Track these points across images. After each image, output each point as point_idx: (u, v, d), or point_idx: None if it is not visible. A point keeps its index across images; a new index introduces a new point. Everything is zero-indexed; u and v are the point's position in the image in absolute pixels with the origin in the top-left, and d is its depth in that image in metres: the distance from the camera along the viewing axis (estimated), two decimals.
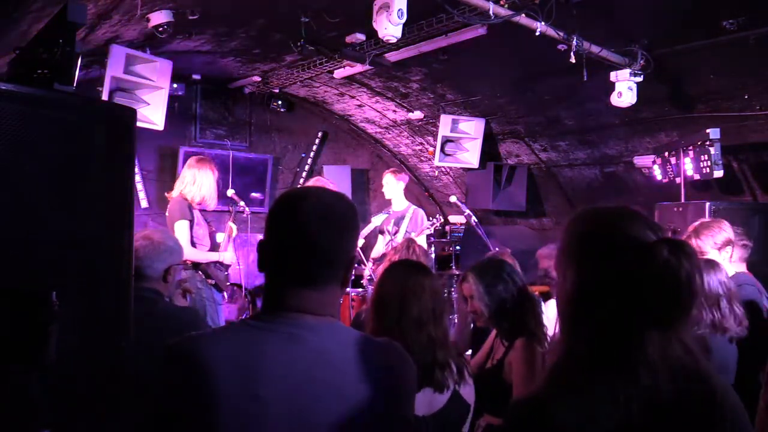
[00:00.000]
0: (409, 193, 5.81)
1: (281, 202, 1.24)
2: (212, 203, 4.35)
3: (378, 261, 5.33)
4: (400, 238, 5.25)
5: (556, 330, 1.15)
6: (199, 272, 4.15)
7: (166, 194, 4.40)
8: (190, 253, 4.03)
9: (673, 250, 1.00)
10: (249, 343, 1.13)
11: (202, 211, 4.39)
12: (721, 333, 2.63)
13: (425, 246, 5.41)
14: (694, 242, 3.18)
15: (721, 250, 3.15)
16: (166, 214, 4.28)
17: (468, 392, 2.05)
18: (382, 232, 5.58)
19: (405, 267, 2.17)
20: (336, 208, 1.22)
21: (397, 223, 5.46)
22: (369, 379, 1.14)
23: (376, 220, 5.54)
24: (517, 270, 2.76)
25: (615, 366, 1.00)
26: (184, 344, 1.16)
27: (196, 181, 4.22)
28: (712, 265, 2.73)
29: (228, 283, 4.57)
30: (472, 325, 3.45)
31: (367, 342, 1.22)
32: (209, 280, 4.20)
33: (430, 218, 5.42)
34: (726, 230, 3.21)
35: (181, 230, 4.05)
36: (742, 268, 3.46)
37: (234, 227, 4.63)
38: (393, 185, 5.61)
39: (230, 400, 1.08)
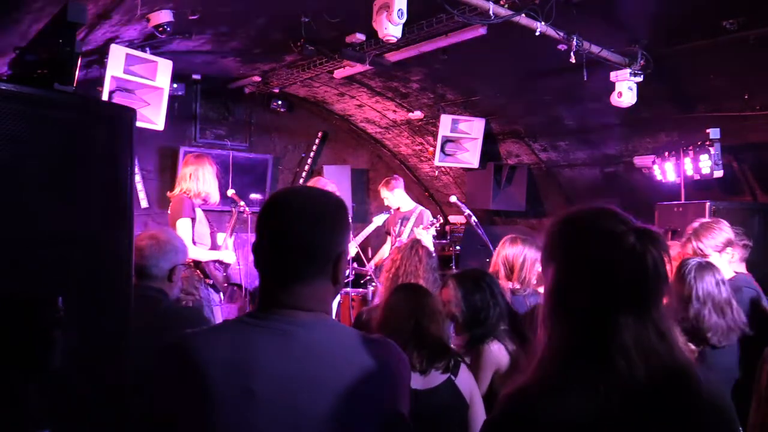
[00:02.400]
0: (409, 194, 5.79)
1: (267, 203, 1.27)
2: (215, 198, 4.33)
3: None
4: (404, 238, 5.23)
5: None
6: (197, 271, 4.15)
7: (167, 194, 4.39)
8: (191, 251, 4.03)
9: (639, 237, 1.06)
10: (242, 339, 1.15)
11: (205, 210, 4.40)
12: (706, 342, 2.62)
13: (431, 245, 5.38)
14: (694, 245, 3.11)
15: (722, 252, 3.09)
16: (168, 212, 4.27)
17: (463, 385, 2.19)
18: (388, 233, 5.55)
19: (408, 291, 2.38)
20: (318, 204, 1.25)
21: (403, 224, 5.44)
22: (361, 374, 1.15)
23: (378, 220, 5.52)
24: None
25: (593, 356, 1.04)
26: (179, 342, 1.19)
27: (198, 178, 4.21)
28: (709, 267, 2.71)
29: (226, 284, 4.56)
30: None
31: (360, 338, 1.23)
32: (207, 280, 4.19)
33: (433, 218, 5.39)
34: (726, 230, 3.15)
35: (183, 228, 4.04)
36: (742, 268, 3.45)
37: (232, 226, 4.61)
38: (395, 196, 5.47)
39: (224, 396, 1.10)
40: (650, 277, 1.05)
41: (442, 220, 5.43)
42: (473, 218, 5.29)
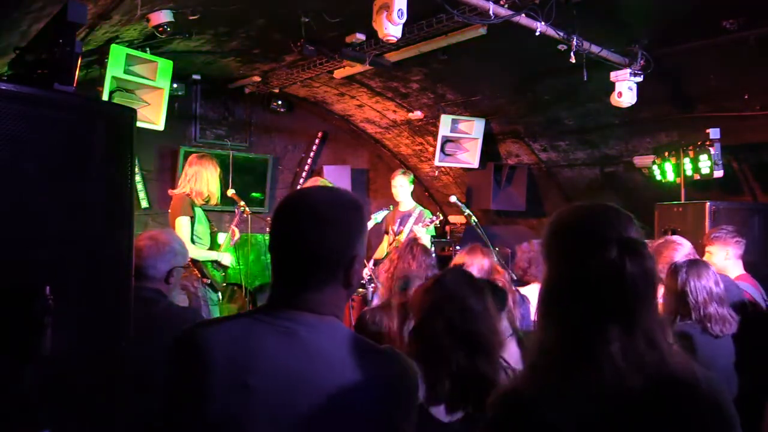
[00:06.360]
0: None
1: (278, 206, 1.27)
2: (215, 199, 4.36)
3: (381, 261, 5.30)
4: (403, 237, 5.23)
5: None
6: (195, 271, 4.15)
7: (169, 191, 4.41)
8: (189, 250, 4.04)
9: (622, 250, 1.03)
10: (246, 333, 1.16)
11: (206, 210, 4.40)
12: (707, 332, 2.64)
13: (428, 243, 5.38)
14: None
15: None
16: (169, 210, 4.29)
17: None
18: (387, 232, 5.55)
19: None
20: (331, 207, 1.22)
21: (403, 223, 5.44)
22: (360, 382, 1.13)
23: (377, 217, 5.50)
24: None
25: (584, 360, 1.02)
26: (189, 332, 1.20)
27: (200, 178, 4.24)
28: (700, 266, 2.73)
29: (224, 284, 4.56)
30: None
31: (365, 346, 1.21)
32: (204, 279, 4.20)
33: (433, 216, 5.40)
34: (682, 249, 3.20)
35: (182, 226, 4.06)
36: (739, 265, 3.46)
37: (237, 231, 4.62)
38: (407, 186, 5.57)
39: (222, 388, 1.11)
40: (629, 291, 1.02)
41: (441, 217, 5.43)
42: (473, 218, 5.29)
